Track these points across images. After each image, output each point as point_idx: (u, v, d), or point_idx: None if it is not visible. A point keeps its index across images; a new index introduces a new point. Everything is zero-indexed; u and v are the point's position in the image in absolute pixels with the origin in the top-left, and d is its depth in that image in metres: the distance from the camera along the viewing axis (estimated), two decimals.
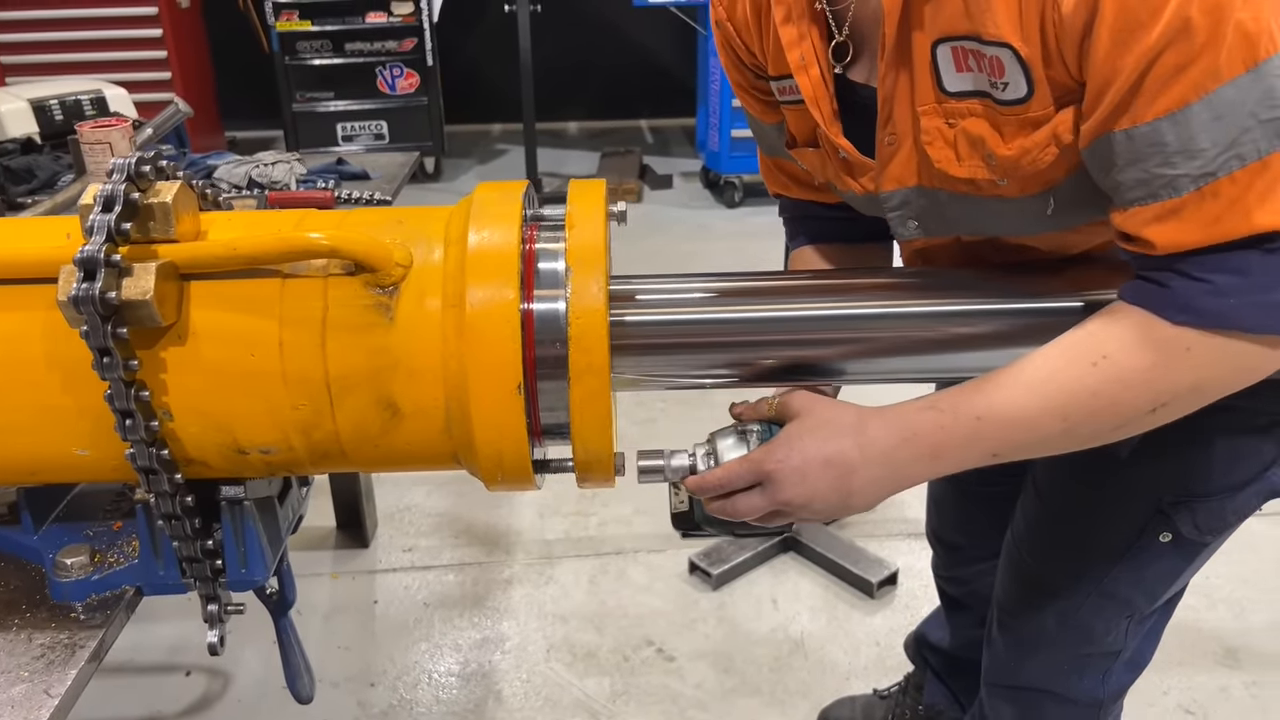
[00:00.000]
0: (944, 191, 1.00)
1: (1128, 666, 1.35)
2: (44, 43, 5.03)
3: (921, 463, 0.93)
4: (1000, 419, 0.91)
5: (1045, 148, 0.90)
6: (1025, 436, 0.92)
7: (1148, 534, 1.19)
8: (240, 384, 0.87)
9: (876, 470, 0.93)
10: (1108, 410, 0.89)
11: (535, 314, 0.88)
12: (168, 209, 0.85)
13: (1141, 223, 0.85)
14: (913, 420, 0.93)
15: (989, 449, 0.93)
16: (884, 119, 1.00)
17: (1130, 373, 0.87)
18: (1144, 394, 0.88)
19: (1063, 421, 0.90)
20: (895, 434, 0.93)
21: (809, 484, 0.93)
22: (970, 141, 0.94)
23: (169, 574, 0.99)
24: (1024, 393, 0.90)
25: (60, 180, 2.21)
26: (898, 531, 2.68)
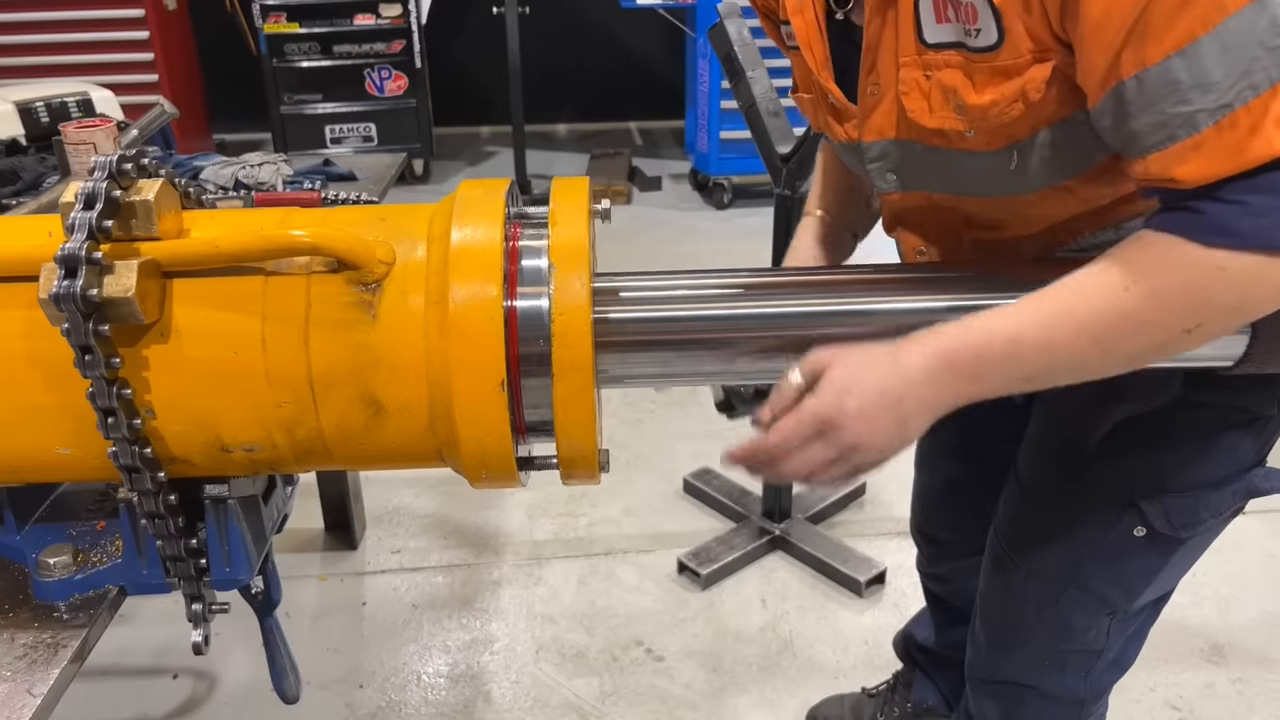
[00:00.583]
0: (919, 144, 1.02)
1: (1111, 666, 1.36)
2: (30, 45, 5.01)
3: (963, 384, 0.93)
4: (1035, 342, 0.90)
5: (1013, 102, 0.92)
6: (1061, 360, 0.91)
7: (1122, 527, 1.20)
8: (223, 381, 0.87)
9: (922, 392, 0.92)
10: (1142, 332, 0.89)
11: (518, 311, 0.88)
12: (149, 206, 0.85)
13: (1164, 166, 0.85)
14: (946, 342, 0.93)
15: (1025, 373, 0.92)
16: (868, 67, 1.02)
17: (1164, 295, 0.87)
18: (1179, 314, 0.88)
19: (1097, 345, 0.90)
20: (933, 358, 0.92)
21: (869, 419, 0.92)
22: (943, 92, 0.96)
23: (153, 573, 0.99)
24: (1057, 313, 0.90)
25: (45, 182, 2.20)
26: (886, 530, 2.69)
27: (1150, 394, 1.12)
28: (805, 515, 2.66)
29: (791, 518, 2.63)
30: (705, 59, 5.00)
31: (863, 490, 2.83)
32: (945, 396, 0.93)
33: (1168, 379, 1.10)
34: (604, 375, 0.97)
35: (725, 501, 2.74)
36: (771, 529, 2.60)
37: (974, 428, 1.52)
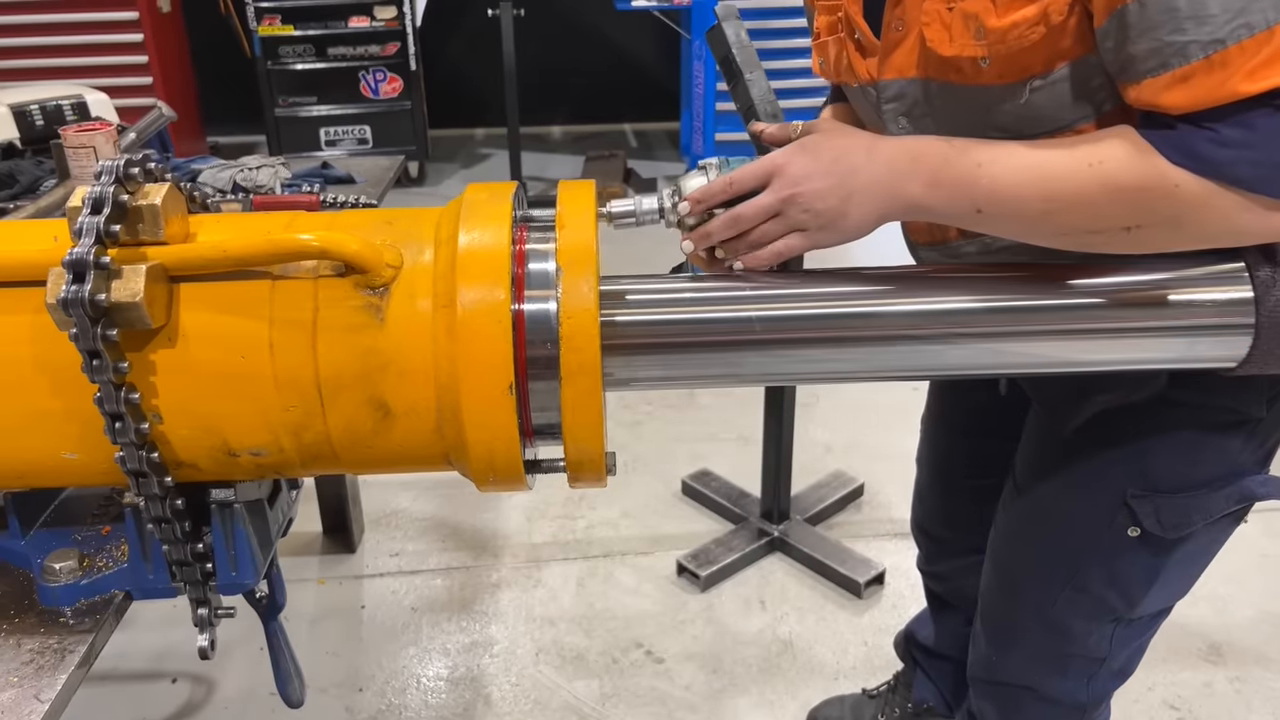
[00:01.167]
0: (934, 82, 1.04)
1: (1114, 675, 1.36)
2: (24, 48, 4.99)
3: (918, 183, 0.97)
4: (995, 176, 0.94)
5: (1034, 25, 0.93)
6: (1009, 201, 0.95)
7: (1116, 527, 1.19)
8: (230, 386, 0.87)
9: (878, 173, 0.96)
10: (1086, 210, 0.93)
11: (526, 314, 0.88)
12: (156, 211, 0.85)
13: (1154, 92, 0.88)
14: (923, 144, 0.98)
15: (976, 201, 0.96)
16: (894, 2, 1.04)
17: (1116, 186, 0.91)
18: (1122, 210, 0.92)
19: (1045, 203, 0.94)
20: (903, 149, 0.97)
21: (815, 174, 0.96)
22: (965, 19, 0.97)
23: (158, 578, 0.98)
24: (1023, 162, 0.94)
25: (42, 185, 2.19)
26: (884, 531, 2.69)
27: (1129, 387, 1.12)
28: (804, 516, 2.66)
29: (790, 519, 2.63)
30: (700, 61, 5.01)
31: (861, 491, 2.83)
32: (898, 189, 0.97)
33: (1151, 373, 1.10)
34: (611, 378, 0.97)
35: (723, 503, 2.74)
36: (770, 530, 2.60)
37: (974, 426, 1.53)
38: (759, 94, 2.27)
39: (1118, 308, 0.98)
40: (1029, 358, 0.98)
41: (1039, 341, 0.97)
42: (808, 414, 3.09)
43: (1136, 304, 0.98)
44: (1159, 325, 0.99)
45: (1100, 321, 0.98)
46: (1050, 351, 0.98)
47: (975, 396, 1.49)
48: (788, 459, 2.59)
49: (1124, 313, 0.98)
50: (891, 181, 0.97)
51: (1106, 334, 0.98)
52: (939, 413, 1.62)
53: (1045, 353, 0.98)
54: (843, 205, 0.97)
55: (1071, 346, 0.98)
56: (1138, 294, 0.98)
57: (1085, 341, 0.98)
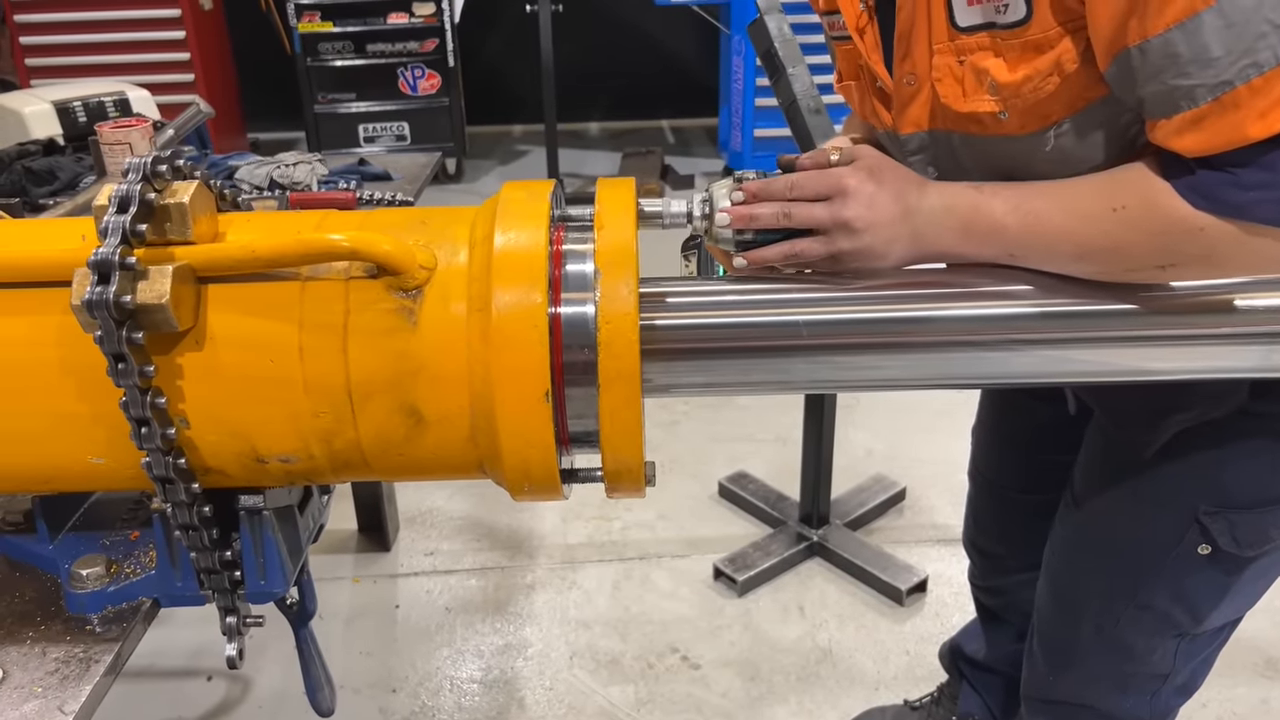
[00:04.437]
0: (955, 134, 1.02)
1: (1179, 691, 1.31)
2: (68, 45, 5.06)
3: (951, 235, 0.95)
4: (1023, 224, 0.93)
5: (1048, 76, 0.91)
6: (1042, 249, 0.93)
7: (1185, 545, 1.15)
8: (259, 390, 0.84)
9: (921, 223, 0.95)
10: (1116, 253, 0.91)
11: (563, 318, 0.85)
12: (184, 210, 0.83)
13: (1167, 135, 0.86)
14: (958, 194, 0.96)
15: (1007, 248, 0.94)
16: (901, 55, 1.02)
17: (1141, 231, 0.89)
18: (1151, 253, 0.89)
19: (1076, 248, 0.92)
20: (944, 200, 0.96)
21: (876, 209, 0.93)
22: (977, 75, 0.96)
23: (186, 585, 0.96)
24: (1051, 208, 0.92)
25: (82, 181, 2.20)
26: (926, 538, 2.63)
27: (1208, 405, 1.07)
28: (844, 521, 2.61)
29: (830, 524, 2.58)
30: (740, 56, 4.95)
31: (903, 496, 2.77)
32: (932, 239, 0.95)
33: (1231, 388, 1.05)
34: (650, 385, 0.93)
35: (761, 506, 2.69)
36: (809, 535, 2.55)
37: (1033, 439, 1.48)
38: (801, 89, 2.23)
39: (1190, 314, 0.93)
40: (1097, 366, 0.93)
41: (1108, 349, 0.92)
42: (848, 416, 3.04)
43: (1210, 309, 0.93)
44: (1234, 332, 0.93)
45: (1172, 328, 0.93)
46: (1119, 360, 0.92)
47: (1035, 409, 1.44)
48: (828, 462, 2.54)
49: (1197, 319, 0.93)
50: (926, 232, 0.95)
51: (1178, 341, 0.93)
52: (994, 424, 1.56)
53: (1114, 361, 0.93)
54: (886, 247, 0.94)
55: (1142, 354, 0.92)
56: (1212, 299, 0.93)
57: (1156, 349, 0.93)
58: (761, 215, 0.96)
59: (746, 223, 0.97)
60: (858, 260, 0.94)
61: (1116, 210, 0.89)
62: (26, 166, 2.22)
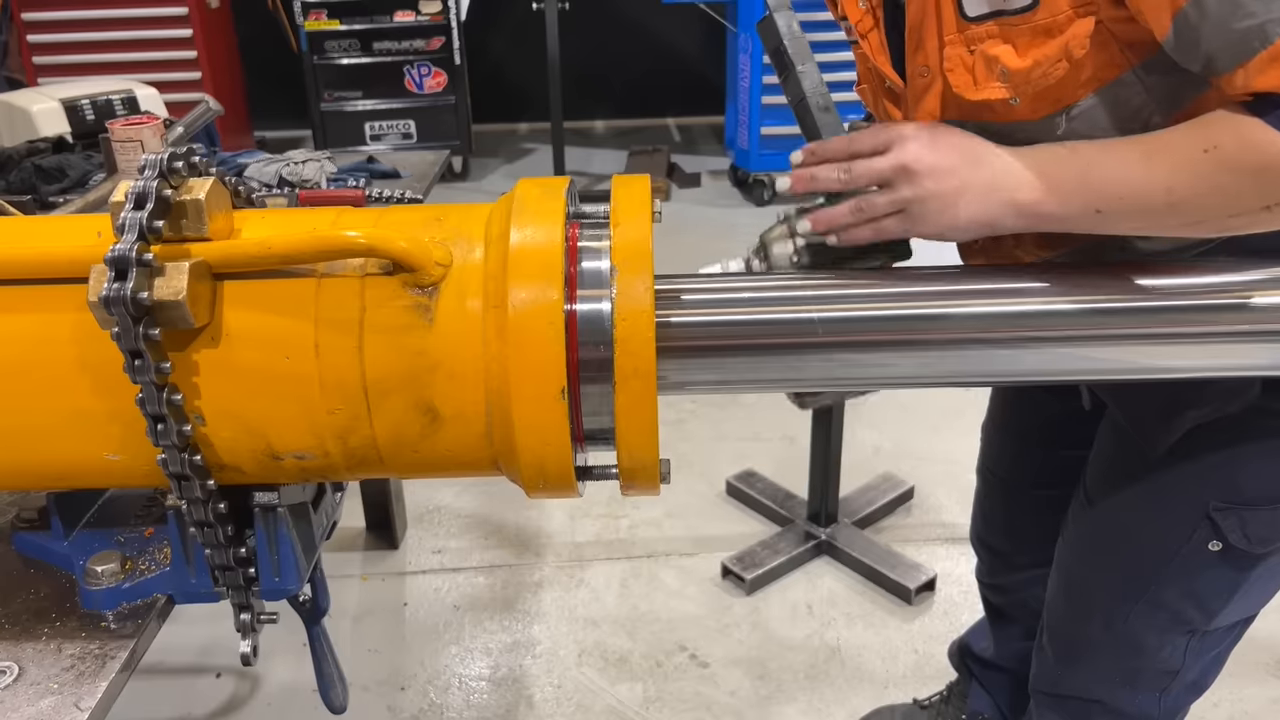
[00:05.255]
0: (969, 123, 1.01)
1: (1189, 688, 1.31)
2: (75, 43, 5.05)
3: (1031, 189, 0.93)
4: (1107, 176, 0.90)
5: (1056, 62, 0.91)
6: (1130, 199, 0.91)
7: (1196, 542, 1.15)
8: (275, 387, 0.84)
9: (994, 173, 0.93)
10: (1213, 195, 0.88)
11: (579, 315, 0.84)
12: (200, 206, 0.83)
13: (1247, 80, 0.84)
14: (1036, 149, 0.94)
15: (1093, 201, 0.91)
16: (913, 47, 1.01)
17: (1239, 167, 0.86)
18: (1251, 190, 0.87)
19: (1167, 194, 0.89)
20: (1018, 155, 0.93)
21: (938, 150, 0.93)
22: (987, 63, 0.95)
23: (201, 582, 0.96)
24: (1136, 156, 0.90)
25: (91, 179, 2.20)
26: (935, 536, 2.63)
27: (1222, 401, 1.07)
28: (852, 520, 2.61)
29: (838, 522, 2.58)
30: (746, 54, 4.94)
31: (912, 494, 2.77)
32: (1011, 193, 0.93)
33: (1244, 385, 1.05)
34: (665, 382, 0.93)
35: (769, 505, 2.69)
36: (817, 533, 2.55)
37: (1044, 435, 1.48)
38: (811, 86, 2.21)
39: (1205, 311, 0.93)
40: (1111, 363, 0.93)
41: (1121, 346, 0.92)
42: (856, 414, 3.03)
43: (1225, 307, 0.93)
44: (1248, 329, 0.93)
45: (1186, 325, 0.93)
46: (1134, 357, 0.92)
47: (1046, 404, 1.43)
48: (836, 460, 2.53)
49: (1210, 316, 0.93)
50: (1006, 183, 0.93)
51: (1192, 339, 0.93)
52: (1004, 420, 1.56)
53: (1129, 358, 0.92)
54: (955, 196, 0.93)
55: (1157, 351, 0.92)
56: (1226, 296, 0.92)
57: (1171, 346, 0.92)
58: (821, 175, 0.96)
59: (808, 184, 0.97)
60: (927, 210, 0.93)
61: (1209, 151, 0.87)
62: (36, 164, 2.22)
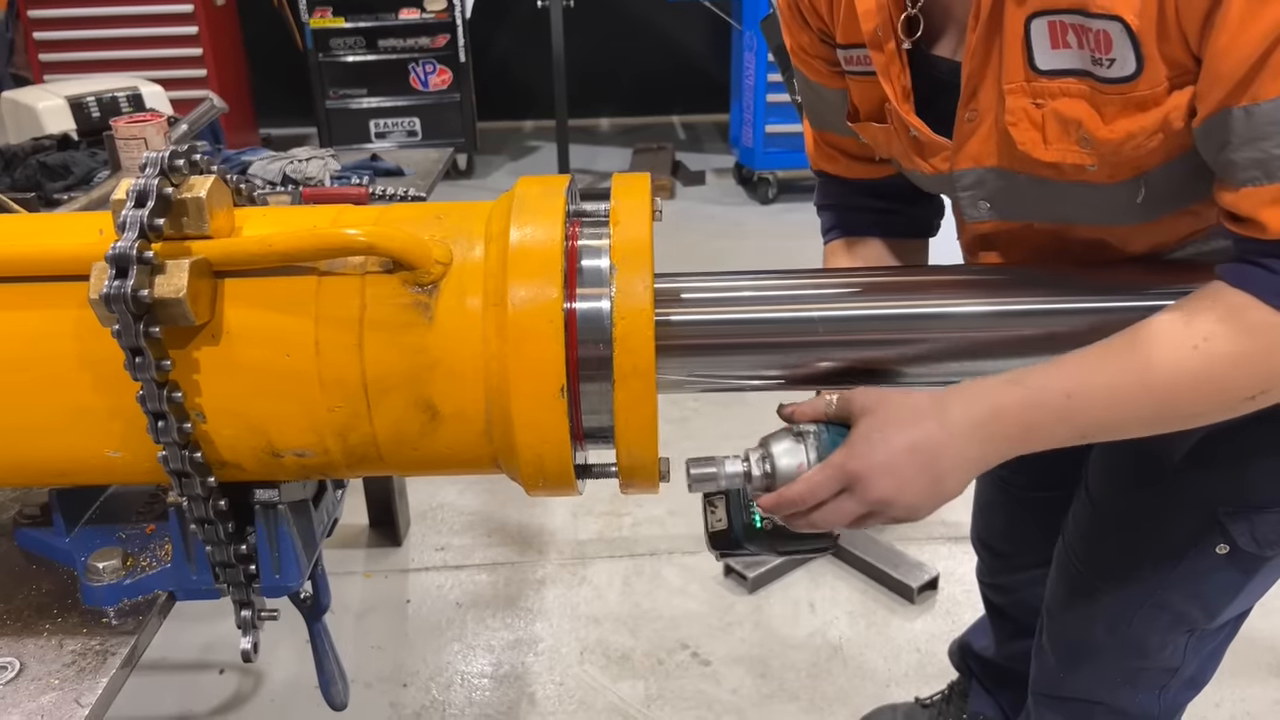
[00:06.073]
0: (1023, 175, 0.96)
1: (1187, 684, 1.31)
2: (81, 41, 5.07)
3: (1011, 441, 0.88)
4: (1093, 400, 0.86)
5: (1153, 134, 0.86)
6: (1119, 416, 0.88)
7: (1203, 545, 1.15)
8: (275, 385, 0.84)
9: (964, 448, 0.88)
10: (1207, 393, 0.85)
11: (578, 313, 0.85)
12: (201, 204, 0.83)
13: (1255, 205, 0.81)
14: (998, 397, 0.88)
15: (1079, 431, 0.88)
16: (968, 96, 0.95)
17: (1233, 357, 0.83)
18: (1246, 379, 0.84)
19: (1159, 407, 0.86)
20: (981, 410, 0.88)
21: (898, 475, 0.87)
22: (1062, 123, 0.89)
23: (202, 579, 0.96)
24: (1119, 373, 0.86)
25: (96, 176, 2.21)
26: (938, 535, 2.62)
27: None
28: None
29: None
30: (751, 51, 4.93)
31: None
32: (990, 454, 0.89)
33: None
34: (665, 380, 0.93)
35: None
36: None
37: None
38: None
39: None
40: None
41: None
42: None
43: None
44: None
45: None
46: None
47: None
48: None
49: None
50: (982, 450, 0.89)
51: None
52: None
53: None
54: (935, 489, 0.89)
55: None
56: None
57: None
58: (789, 518, 0.93)
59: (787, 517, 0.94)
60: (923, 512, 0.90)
61: (1198, 347, 0.83)
62: (41, 161, 2.22)
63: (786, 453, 0.92)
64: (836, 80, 1.11)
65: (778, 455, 0.93)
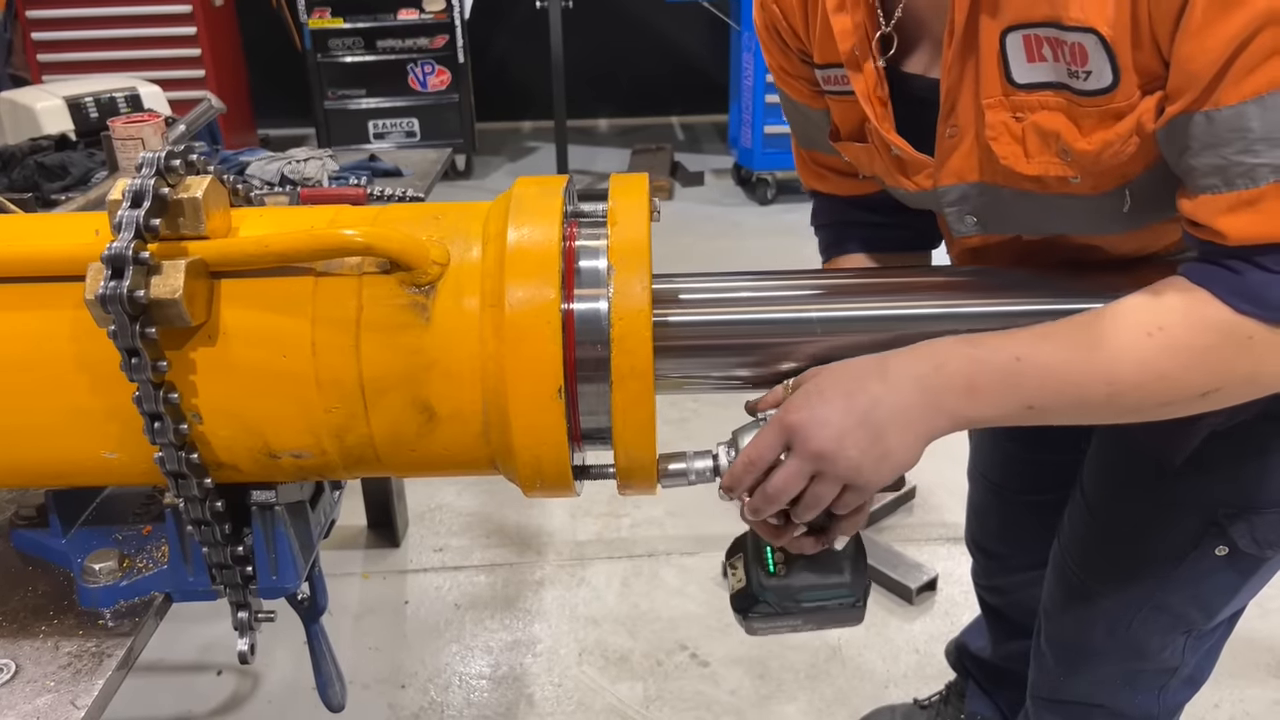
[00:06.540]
0: (1008, 189, 0.95)
1: (1186, 683, 1.31)
2: (79, 41, 5.06)
3: (955, 394, 0.86)
4: (1041, 366, 0.85)
5: (1128, 139, 0.85)
6: (1066, 393, 0.86)
7: (1203, 547, 1.14)
8: (272, 386, 0.84)
9: (905, 398, 0.85)
10: (1156, 383, 0.84)
11: (576, 314, 0.84)
12: (198, 204, 0.83)
13: (1214, 212, 0.80)
14: (944, 351, 0.87)
15: (1025, 398, 0.86)
16: (946, 112, 0.94)
17: (1186, 350, 0.83)
18: (1197, 375, 0.83)
19: (1107, 386, 0.85)
20: (923, 361, 0.86)
21: (834, 425, 0.85)
22: (1041, 136, 0.89)
23: (199, 580, 0.96)
24: (1070, 347, 0.85)
25: (94, 177, 2.21)
26: (937, 536, 2.62)
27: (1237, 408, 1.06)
28: None
29: None
30: (750, 52, 4.93)
31: (913, 494, 2.76)
32: (934, 411, 0.86)
33: None
34: (663, 380, 0.93)
35: None
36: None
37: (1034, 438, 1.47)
38: None
39: None
40: None
41: None
42: None
43: None
44: None
45: None
46: None
47: None
48: None
49: None
50: (924, 400, 0.86)
51: None
52: None
53: None
54: (878, 444, 0.86)
55: None
56: None
57: None
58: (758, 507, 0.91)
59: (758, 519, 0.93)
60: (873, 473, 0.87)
61: (1152, 334, 0.82)
62: (39, 161, 2.22)
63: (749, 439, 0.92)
64: (818, 100, 1.11)
65: (743, 445, 0.93)
